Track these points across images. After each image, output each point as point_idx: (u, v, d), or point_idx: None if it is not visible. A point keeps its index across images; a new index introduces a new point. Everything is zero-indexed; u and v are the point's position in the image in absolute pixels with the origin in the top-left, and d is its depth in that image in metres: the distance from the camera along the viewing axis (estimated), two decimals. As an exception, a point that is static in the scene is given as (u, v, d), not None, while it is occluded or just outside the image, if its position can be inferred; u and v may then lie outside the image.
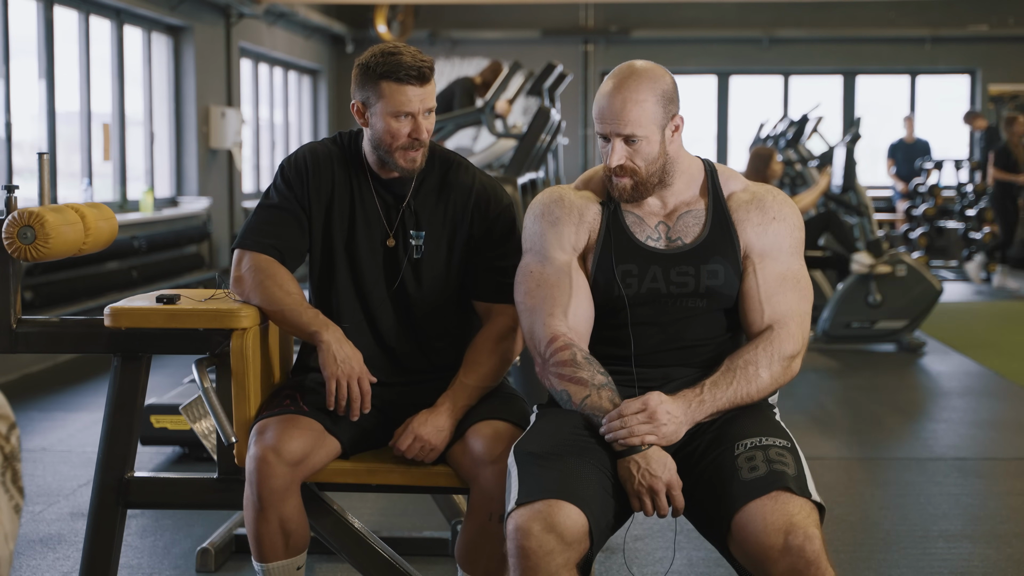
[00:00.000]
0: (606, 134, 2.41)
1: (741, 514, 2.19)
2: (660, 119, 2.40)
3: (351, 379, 2.55)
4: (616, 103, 2.39)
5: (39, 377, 6.60)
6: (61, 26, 7.74)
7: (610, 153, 2.41)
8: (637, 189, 2.43)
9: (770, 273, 2.45)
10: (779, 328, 2.41)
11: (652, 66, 2.43)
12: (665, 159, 2.43)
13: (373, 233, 2.69)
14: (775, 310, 2.43)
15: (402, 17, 13.53)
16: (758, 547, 2.16)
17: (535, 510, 2.17)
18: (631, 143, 2.39)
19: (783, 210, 2.48)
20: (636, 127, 2.38)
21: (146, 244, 8.16)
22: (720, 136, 14.65)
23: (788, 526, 2.14)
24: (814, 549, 2.13)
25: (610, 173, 2.43)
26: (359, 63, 2.61)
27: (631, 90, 2.39)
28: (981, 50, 14.15)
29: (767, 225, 2.47)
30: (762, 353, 2.39)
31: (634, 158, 2.40)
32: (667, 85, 2.42)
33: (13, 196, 2.73)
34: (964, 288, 11.16)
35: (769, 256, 2.46)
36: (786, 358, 2.40)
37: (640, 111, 2.38)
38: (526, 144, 5.98)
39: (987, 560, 3.71)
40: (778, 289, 2.44)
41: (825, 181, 7.94)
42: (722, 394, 2.36)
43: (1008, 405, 6.15)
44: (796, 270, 2.47)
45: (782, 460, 2.25)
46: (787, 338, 2.41)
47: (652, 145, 2.40)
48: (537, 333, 2.44)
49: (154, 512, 4.03)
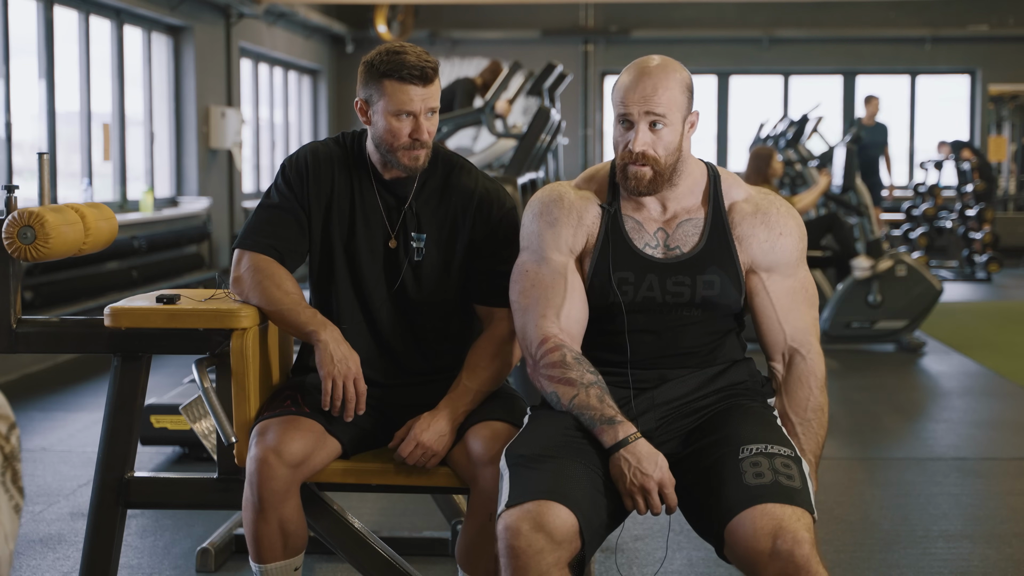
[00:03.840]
0: (632, 116, 2.37)
1: (733, 521, 2.18)
2: (683, 109, 2.40)
3: (347, 379, 2.55)
4: (647, 85, 2.36)
5: (39, 377, 6.60)
6: (61, 26, 7.74)
7: (633, 138, 2.37)
8: (655, 180, 2.40)
9: (781, 289, 2.47)
10: (808, 352, 2.49)
11: (674, 60, 2.44)
12: (680, 154, 2.42)
13: (374, 234, 2.68)
14: (795, 328, 2.48)
15: (402, 17, 13.53)
16: (747, 552, 2.15)
17: (524, 510, 2.16)
18: (655, 128, 2.37)
19: (788, 224, 2.48)
20: (667, 109, 2.36)
21: (146, 244, 8.15)
22: (720, 136, 14.66)
23: (776, 530, 2.13)
24: (803, 553, 2.11)
25: (629, 161, 2.39)
26: (364, 61, 2.62)
27: (660, 76, 2.38)
28: (981, 50, 14.16)
29: (774, 242, 2.47)
30: (816, 391, 2.50)
31: (656, 146, 2.38)
32: (689, 79, 2.43)
33: (13, 196, 2.73)
34: (964, 288, 11.16)
35: (777, 271, 2.47)
36: (825, 378, 2.52)
37: (670, 96, 2.37)
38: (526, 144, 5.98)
39: (987, 560, 3.71)
40: (792, 305, 2.48)
41: (825, 181, 7.94)
42: (815, 446, 2.50)
43: (1008, 405, 6.15)
44: (803, 278, 2.51)
45: (788, 472, 2.24)
46: (817, 359, 2.50)
47: (674, 135, 2.39)
48: (529, 334, 2.43)
49: (154, 512, 4.03)
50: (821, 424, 2.50)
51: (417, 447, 2.57)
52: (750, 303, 2.50)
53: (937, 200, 12.58)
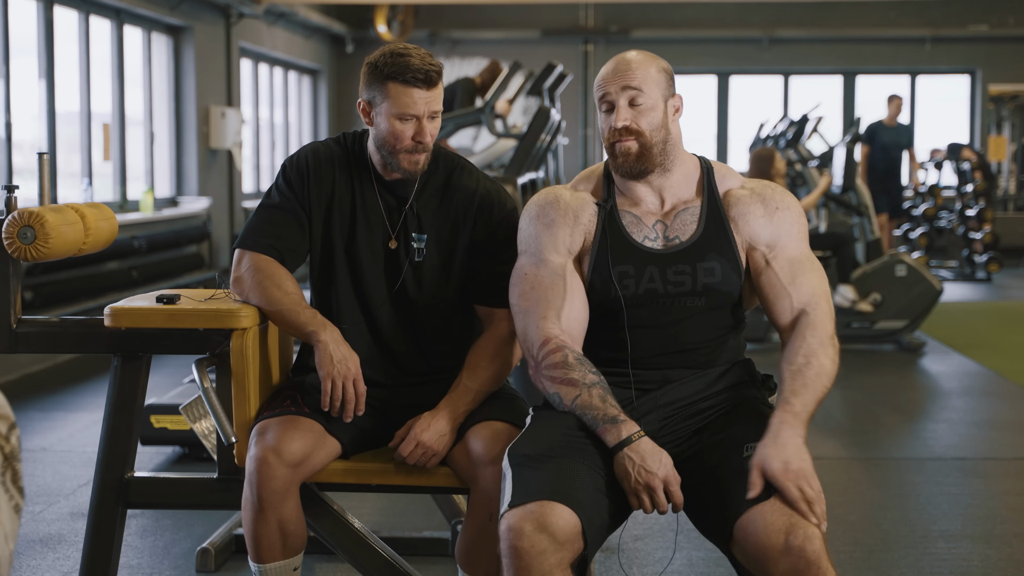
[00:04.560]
0: (611, 96, 2.42)
1: (743, 518, 2.19)
2: (663, 88, 2.44)
3: (347, 380, 2.55)
4: (621, 65, 2.44)
5: (39, 377, 6.60)
6: (61, 26, 7.74)
7: (615, 115, 2.41)
8: (642, 156, 2.42)
9: (784, 259, 2.45)
10: (813, 310, 2.40)
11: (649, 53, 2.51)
12: (667, 135, 2.44)
13: (375, 235, 2.68)
14: (801, 293, 2.42)
15: (402, 17, 13.53)
16: (759, 548, 2.16)
17: (527, 511, 2.16)
18: (635, 105, 2.41)
19: (785, 199, 2.49)
20: (642, 82, 2.41)
21: (146, 244, 8.15)
22: (720, 136, 14.65)
23: (788, 527, 2.14)
24: (815, 549, 2.12)
25: (615, 140, 2.42)
26: (368, 61, 2.62)
27: (636, 58, 2.45)
28: (981, 50, 14.16)
29: (771, 215, 2.46)
30: (814, 342, 2.35)
31: (638, 120, 2.41)
32: (667, 66, 2.48)
33: (13, 196, 2.73)
34: (964, 288, 11.16)
35: (779, 244, 2.46)
36: (831, 336, 2.39)
37: (645, 73, 2.42)
38: (526, 144, 5.98)
39: (987, 560, 3.71)
40: (798, 272, 2.44)
41: (825, 182, 7.95)
42: (809, 398, 2.30)
43: (1008, 405, 6.15)
44: (807, 253, 2.48)
45: None
46: (824, 317, 2.39)
47: (656, 113, 2.42)
48: (530, 336, 2.44)
49: (154, 512, 4.03)
50: (817, 375, 2.32)
51: (417, 447, 2.57)
52: (756, 282, 2.46)
53: (937, 200, 12.58)
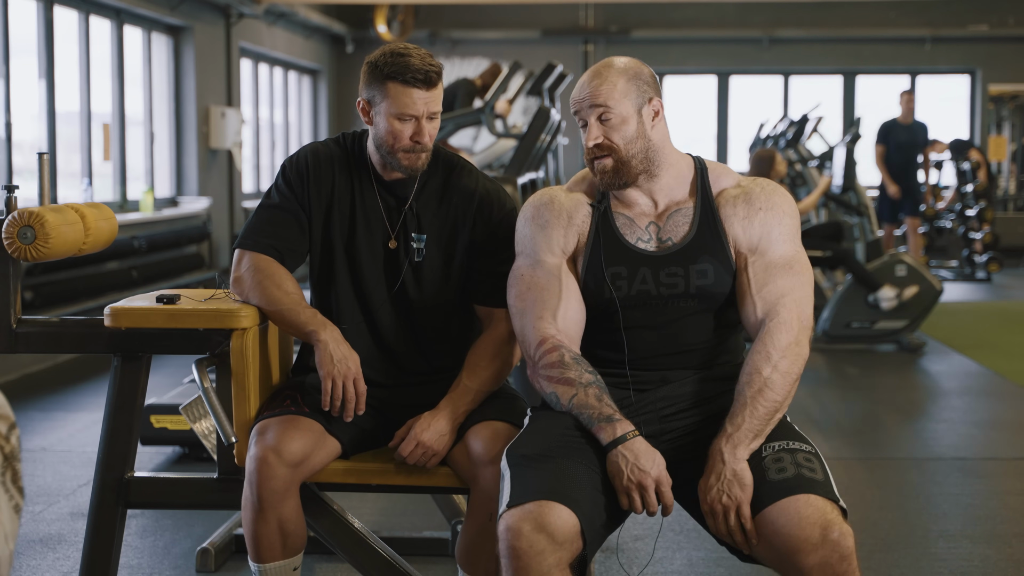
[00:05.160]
0: (582, 113, 2.44)
1: (769, 510, 2.19)
2: (634, 98, 2.42)
3: (347, 379, 2.55)
4: (588, 83, 2.44)
5: (39, 377, 6.60)
6: (61, 26, 7.74)
7: (587, 133, 2.43)
8: (619, 171, 2.42)
9: (761, 264, 2.42)
10: (772, 319, 2.35)
11: (627, 58, 2.48)
12: (647, 144, 2.43)
13: (374, 235, 2.69)
14: (765, 301, 2.39)
15: (402, 17, 13.53)
16: (790, 539, 2.16)
17: (526, 511, 2.17)
18: (605, 121, 2.41)
19: (771, 199, 2.45)
20: (608, 98, 2.40)
21: (146, 244, 8.16)
22: (720, 136, 14.65)
23: (825, 522, 2.16)
24: (848, 545, 2.15)
25: (591, 157, 2.44)
26: (368, 61, 2.62)
27: (601, 72, 2.44)
28: (981, 50, 14.15)
29: (752, 217, 2.44)
30: (759, 358, 2.33)
31: (610, 135, 2.41)
32: (640, 70, 2.45)
33: (13, 196, 2.73)
34: (964, 288, 11.16)
35: (759, 247, 2.43)
36: (784, 347, 2.33)
37: (610, 87, 2.41)
38: (526, 144, 5.98)
39: (987, 560, 3.71)
40: (768, 279, 2.40)
41: (825, 182, 7.95)
42: (757, 415, 2.29)
43: (1008, 405, 6.15)
44: (790, 255, 2.42)
45: (810, 465, 2.25)
46: (777, 328, 2.34)
47: (628, 125, 2.41)
48: (527, 336, 2.44)
49: (154, 512, 4.03)
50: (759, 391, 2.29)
51: (417, 446, 2.57)
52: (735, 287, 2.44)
53: (937, 200, 12.58)
